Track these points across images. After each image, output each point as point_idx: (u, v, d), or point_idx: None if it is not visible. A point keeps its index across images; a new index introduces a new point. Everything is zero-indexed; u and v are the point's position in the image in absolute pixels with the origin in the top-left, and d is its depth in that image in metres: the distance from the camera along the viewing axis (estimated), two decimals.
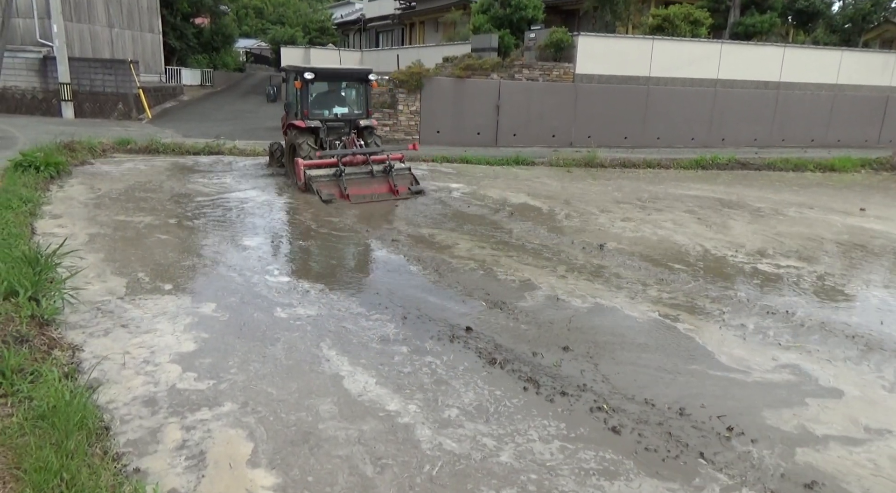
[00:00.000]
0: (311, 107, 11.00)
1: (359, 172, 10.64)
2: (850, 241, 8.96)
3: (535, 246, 7.93)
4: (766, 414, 4.07)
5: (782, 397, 4.32)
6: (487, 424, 3.82)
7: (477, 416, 3.91)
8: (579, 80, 17.47)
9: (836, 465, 3.57)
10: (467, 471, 3.35)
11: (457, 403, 4.05)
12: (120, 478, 3.03)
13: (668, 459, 3.54)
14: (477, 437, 3.66)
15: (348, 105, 11.64)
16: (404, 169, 11.07)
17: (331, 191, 10.22)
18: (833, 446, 3.76)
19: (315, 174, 10.38)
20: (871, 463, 3.59)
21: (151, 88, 22.42)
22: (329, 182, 10.36)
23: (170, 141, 14.97)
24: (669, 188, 12.77)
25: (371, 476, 3.26)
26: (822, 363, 4.90)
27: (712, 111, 18.77)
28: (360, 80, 11.58)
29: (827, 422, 4.03)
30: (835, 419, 4.06)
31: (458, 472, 3.34)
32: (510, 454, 3.53)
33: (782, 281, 7.00)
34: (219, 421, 3.67)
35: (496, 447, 3.58)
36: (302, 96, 10.92)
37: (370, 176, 10.61)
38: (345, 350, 4.73)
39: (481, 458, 3.47)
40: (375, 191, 10.56)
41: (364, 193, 10.41)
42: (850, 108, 20.08)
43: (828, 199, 12.35)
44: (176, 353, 4.53)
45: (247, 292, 5.87)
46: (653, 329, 5.44)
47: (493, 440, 3.64)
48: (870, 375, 4.76)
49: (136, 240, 7.44)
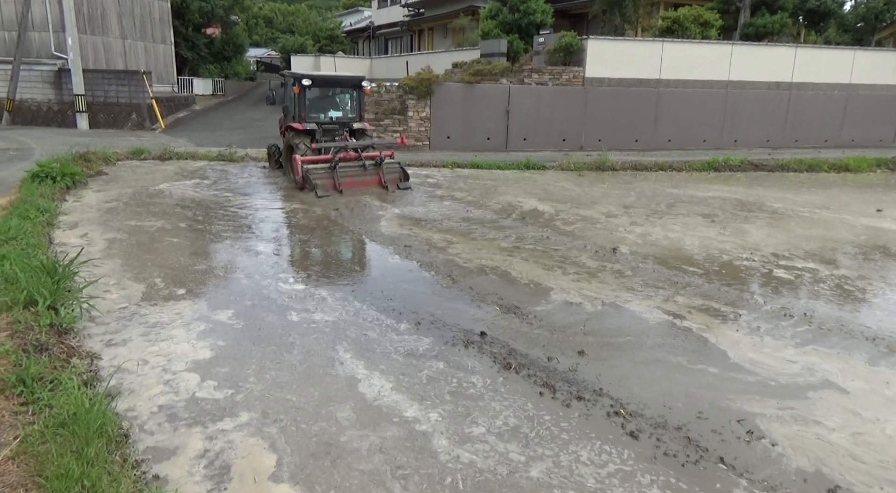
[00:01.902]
0: (308, 111, 11.88)
1: (352, 166, 11.45)
2: (868, 242, 8.85)
3: (548, 250, 7.91)
4: (786, 418, 4.02)
5: (802, 401, 4.26)
6: (503, 431, 3.80)
7: (492, 423, 3.89)
8: (589, 84, 17.44)
9: (858, 471, 3.51)
10: (489, 484, 3.33)
11: (473, 409, 4.04)
12: (140, 485, 3.05)
13: (687, 464, 3.50)
14: (494, 444, 3.65)
15: (342, 109, 12.48)
16: (394, 164, 11.86)
17: (325, 184, 10.95)
18: (856, 452, 3.70)
19: (311, 167, 11.12)
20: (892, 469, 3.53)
21: (164, 99, 22.67)
22: (324, 175, 11.06)
23: (182, 150, 15.13)
24: (682, 191, 12.69)
25: (393, 489, 3.25)
26: (840, 366, 4.83)
27: (724, 113, 18.66)
28: (353, 87, 12.42)
29: (849, 427, 3.96)
30: (856, 424, 4.00)
31: (479, 484, 3.32)
32: (527, 461, 3.50)
33: (800, 283, 6.92)
34: (240, 432, 3.67)
35: (515, 455, 3.56)
36: (300, 101, 11.82)
37: (362, 169, 11.47)
38: (360, 356, 4.73)
39: (500, 468, 3.45)
40: (367, 184, 11.42)
41: (356, 186, 11.27)
42: (864, 107, 19.88)
43: (844, 199, 12.21)
44: (192, 361, 4.56)
45: (260, 298, 5.90)
46: (668, 332, 5.40)
47: (512, 447, 3.62)
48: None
49: (150, 246, 7.51)
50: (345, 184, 11.13)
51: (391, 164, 11.79)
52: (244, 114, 26.38)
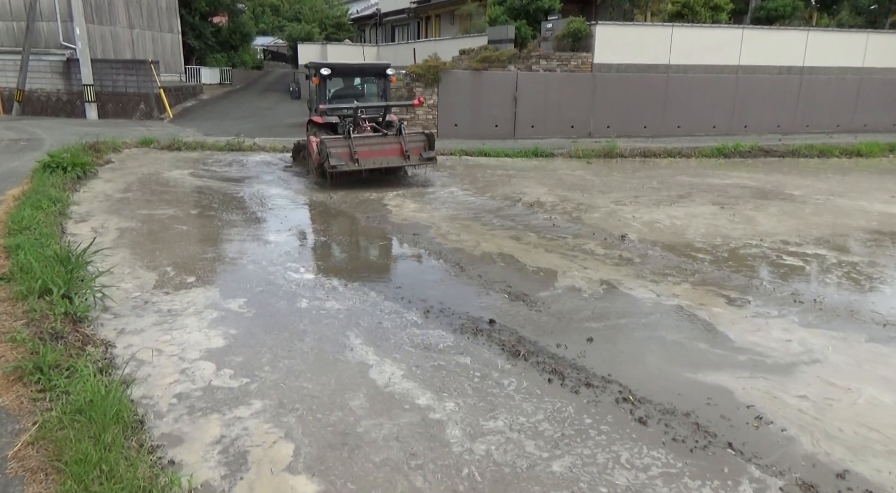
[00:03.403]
0: (330, 103, 11.06)
1: (372, 136, 10.53)
2: (881, 229, 8.78)
3: (556, 238, 7.91)
4: (797, 405, 4.03)
5: (814, 387, 4.26)
6: (512, 417, 3.84)
7: (502, 409, 3.92)
8: (597, 70, 17.30)
9: (867, 458, 3.52)
10: (504, 472, 3.37)
11: (483, 397, 4.07)
12: (156, 470, 3.11)
13: (696, 449, 3.53)
14: (505, 431, 3.68)
15: (367, 101, 11.62)
16: (418, 132, 11.02)
17: (341, 154, 10.07)
18: (866, 440, 3.71)
19: (327, 137, 10.32)
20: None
21: (172, 88, 22.72)
22: (340, 146, 10.15)
23: (191, 139, 15.19)
24: (690, 178, 12.61)
25: (409, 477, 3.30)
26: (853, 352, 4.82)
27: (734, 98, 18.47)
28: (378, 75, 11.58)
29: (858, 417, 3.97)
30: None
31: (495, 473, 3.36)
32: (538, 447, 3.54)
33: (811, 269, 6.89)
34: (256, 419, 3.72)
35: (525, 441, 3.59)
36: (320, 92, 11.05)
37: (382, 137, 10.50)
38: (371, 344, 4.77)
39: (510, 455, 3.49)
40: (387, 154, 10.40)
41: (375, 157, 10.29)
42: (878, 91, 19.60)
43: (865, 186, 12.10)
44: (206, 349, 4.62)
45: (270, 286, 5.95)
46: (677, 319, 5.40)
47: (523, 435, 3.66)
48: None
49: (161, 234, 7.58)
50: (362, 153, 10.16)
51: (416, 133, 10.94)
52: (252, 103, 26.38)
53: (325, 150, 10.01)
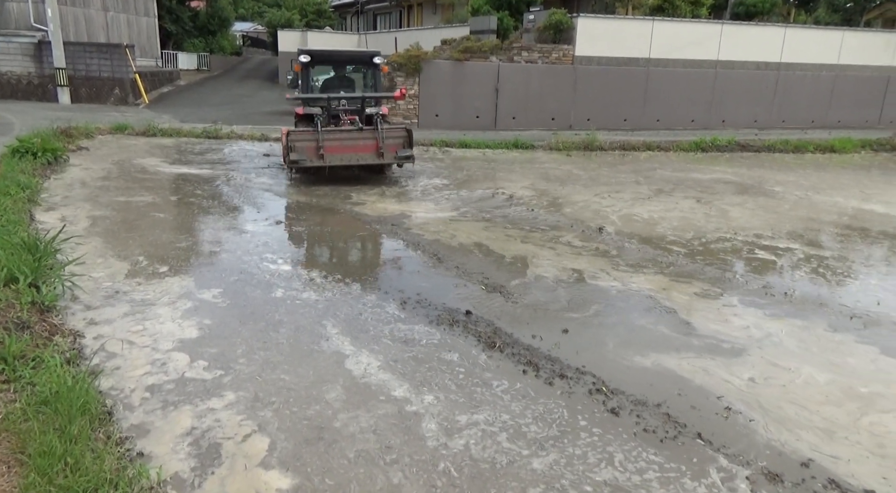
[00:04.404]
0: (315, 93, 10.44)
1: (345, 130, 9.59)
2: (852, 224, 8.96)
3: (534, 229, 7.93)
4: (764, 396, 4.10)
5: (784, 381, 4.34)
6: (488, 409, 3.85)
7: (477, 401, 3.94)
8: (579, 62, 17.33)
9: (832, 446, 3.60)
10: (480, 467, 3.38)
11: (459, 388, 4.08)
12: (124, 462, 3.07)
13: (666, 440, 3.58)
14: (479, 423, 3.69)
15: (356, 92, 10.83)
16: (398, 127, 9.94)
17: (306, 148, 9.22)
18: (829, 430, 3.79)
19: (294, 130, 9.58)
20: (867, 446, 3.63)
21: (148, 73, 22.26)
22: (308, 140, 9.33)
23: (167, 126, 14.91)
24: (673, 172, 12.74)
25: (388, 472, 3.29)
26: (808, 338, 4.92)
27: (712, 93, 18.66)
28: (365, 64, 10.78)
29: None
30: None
31: (472, 468, 3.37)
32: (510, 436, 3.56)
33: (785, 263, 7.01)
34: (229, 410, 3.68)
35: (498, 431, 3.61)
36: (302, 81, 10.36)
37: (357, 132, 9.52)
38: (347, 334, 4.75)
39: (483, 445, 3.51)
40: (359, 150, 9.45)
41: (345, 153, 9.39)
42: (852, 88, 19.95)
43: (834, 181, 12.32)
44: (179, 339, 4.55)
45: (246, 275, 5.88)
46: (650, 310, 5.46)
47: (496, 428, 3.67)
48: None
49: (135, 222, 7.44)
50: (330, 148, 9.30)
51: (394, 127, 10.04)
52: (230, 90, 25.99)
53: (290, 144, 9.27)
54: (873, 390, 4.25)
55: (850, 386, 4.28)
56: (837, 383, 4.32)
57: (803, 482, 3.25)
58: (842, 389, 4.24)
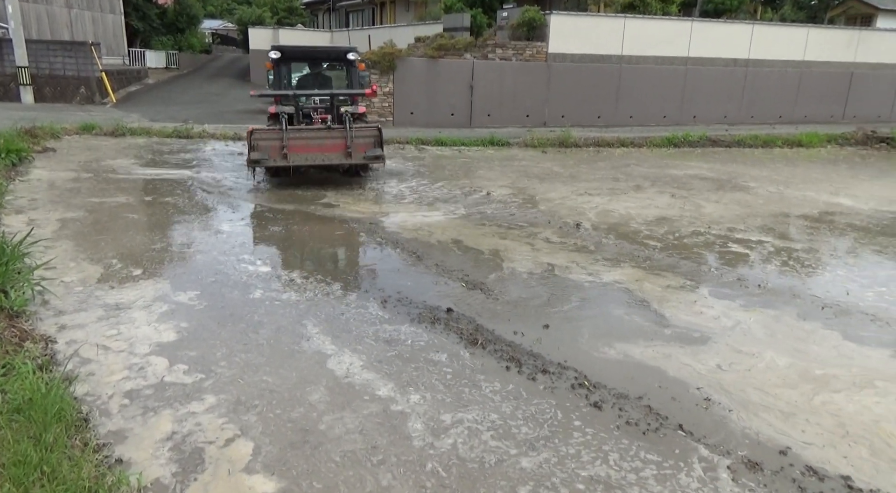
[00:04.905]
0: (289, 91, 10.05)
1: (312, 128, 9.25)
2: (822, 217, 9.18)
3: (513, 226, 7.96)
4: (742, 387, 4.18)
5: (748, 366, 4.44)
6: (473, 407, 3.85)
7: (461, 398, 3.94)
8: (552, 60, 17.44)
9: (804, 432, 3.69)
10: (467, 466, 3.38)
11: (442, 386, 4.07)
12: (102, 469, 2.99)
13: (648, 432, 3.62)
14: (465, 422, 3.70)
15: (332, 90, 10.39)
16: (370, 126, 9.50)
17: (271, 147, 8.83)
18: (787, 411, 3.88)
19: (259, 128, 9.18)
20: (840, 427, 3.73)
21: (114, 71, 21.75)
22: (273, 139, 8.91)
23: (136, 125, 14.60)
24: (650, 169, 12.90)
25: (376, 474, 3.27)
26: (775, 327, 5.04)
27: (683, 89, 18.95)
28: (339, 61, 10.42)
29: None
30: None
31: (458, 464, 3.37)
32: (496, 434, 3.57)
33: (756, 256, 7.16)
34: (210, 414, 3.62)
35: (485, 430, 3.61)
36: (275, 79, 10.07)
37: (326, 131, 9.11)
38: (329, 334, 4.71)
39: (472, 442, 3.51)
40: (326, 150, 9.01)
41: (312, 152, 8.98)
42: (817, 84, 20.45)
43: (806, 176, 12.62)
44: (156, 343, 4.46)
45: (223, 277, 5.79)
46: (630, 305, 5.52)
47: (482, 425, 3.68)
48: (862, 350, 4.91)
49: (107, 225, 7.27)
50: (296, 147, 8.87)
51: (364, 126, 9.54)
52: (200, 88, 25.56)
53: (254, 143, 8.82)
54: (828, 372, 4.41)
55: (807, 369, 4.44)
56: (796, 366, 4.47)
57: (782, 469, 3.32)
58: (798, 372, 4.40)
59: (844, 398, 4.06)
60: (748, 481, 3.22)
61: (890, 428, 3.75)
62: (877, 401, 4.05)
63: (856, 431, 3.70)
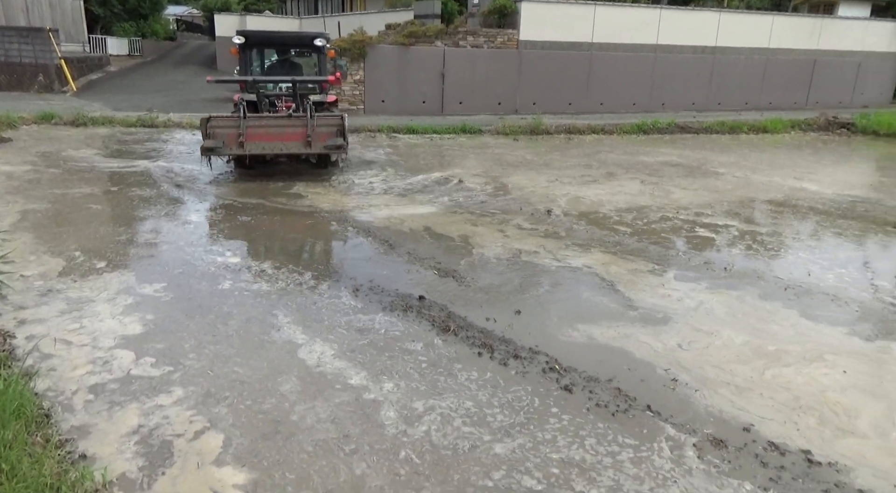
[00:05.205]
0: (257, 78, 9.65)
1: (272, 116, 8.93)
2: (786, 200, 9.40)
3: (485, 213, 7.97)
4: (700, 365, 4.27)
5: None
6: (446, 394, 3.86)
7: (435, 386, 3.94)
8: (523, 47, 17.43)
9: (761, 408, 3.79)
10: (441, 447, 3.39)
11: (414, 373, 4.07)
12: (65, 465, 2.92)
13: (617, 413, 3.68)
14: (438, 408, 3.70)
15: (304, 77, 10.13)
16: (334, 116, 9.12)
17: (228, 135, 8.51)
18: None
19: (216, 115, 8.88)
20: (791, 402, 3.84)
21: (74, 59, 21.07)
22: (230, 126, 8.59)
23: (98, 115, 14.19)
24: (622, 156, 13.02)
25: (350, 464, 3.25)
26: (737, 307, 5.16)
27: (652, 76, 19.13)
28: (307, 47, 10.11)
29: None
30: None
31: (431, 450, 3.37)
32: (470, 420, 3.58)
33: (722, 240, 7.29)
34: (178, 406, 3.56)
35: (457, 416, 3.63)
36: (241, 66, 9.82)
37: (287, 119, 8.77)
38: (300, 323, 4.66)
39: (445, 429, 3.52)
40: (286, 139, 8.69)
41: (271, 141, 8.63)
42: (781, 71, 20.85)
43: (773, 161, 12.87)
44: (121, 336, 4.36)
45: (190, 268, 5.69)
46: (600, 289, 5.59)
47: (456, 412, 3.69)
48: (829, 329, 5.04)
49: (69, 217, 7.07)
50: (254, 136, 8.52)
51: (328, 116, 9.11)
52: (165, 76, 24.92)
53: (209, 131, 8.51)
54: (780, 348, 4.57)
55: (760, 345, 4.59)
56: (751, 343, 4.62)
57: (745, 446, 3.41)
58: (752, 348, 4.55)
59: (794, 372, 4.22)
60: (713, 458, 3.29)
61: (835, 397, 3.93)
62: (825, 373, 4.23)
63: (806, 402, 3.85)
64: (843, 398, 3.92)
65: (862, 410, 3.80)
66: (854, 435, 3.54)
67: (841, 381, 4.13)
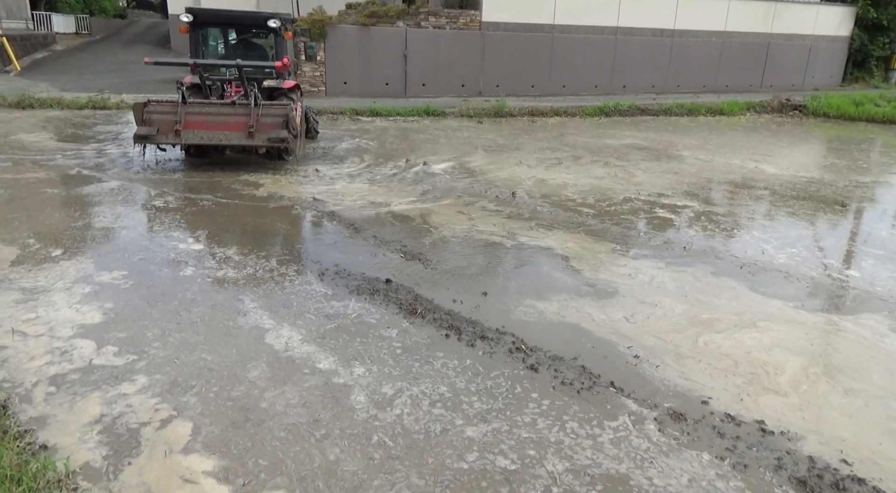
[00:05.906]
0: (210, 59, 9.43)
1: (214, 103, 8.40)
2: (744, 182, 9.69)
3: (450, 195, 7.99)
4: (676, 342, 4.42)
5: (686, 326, 4.69)
6: (414, 376, 3.90)
7: (403, 368, 3.98)
8: (486, 28, 17.37)
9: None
10: (414, 438, 3.43)
11: (383, 357, 4.09)
12: (25, 456, 2.86)
13: (582, 390, 3.78)
14: (406, 391, 3.74)
15: (252, 60, 9.66)
16: (282, 105, 8.49)
17: (165, 122, 8.02)
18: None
19: (155, 100, 8.35)
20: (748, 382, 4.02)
21: (17, 37, 20.07)
22: (167, 112, 8.11)
23: (45, 96, 13.60)
24: (589, 138, 13.16)
25: (319, 446, 3.26)
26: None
27: (613, 59, 19.34)
28: (260, 28, 9.60)
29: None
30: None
31: (403, 434, 3.41)
32: (439, 402, 3.63)
33: (682, 220, 7.50)
34: (142, 395, 3.50)
35: (426, 398, 3.67)
36: (192, 47, 9.37)
37: (230, 107, 8.28)
38: (266, 308, 4.62)
39: (416, 413, 3.56)
40: (228, 128, 8.14)
41: (210, 131, 8.12)
42: (737, 54, 21.34)
43: (728, 143, 13.21)
44: (80, 325, 4.25)
45: (150, 255, 5.56)
46: (564, 270, 5.69)
47: (425, 393, 3.73)
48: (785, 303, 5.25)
49: (21, 203, 6.80)
50: (192, 124, 8.03)
51: (276, 105, 8.46)
52: (116, 55, 23.98)
53: (145, 118, 7.97)
54: (714, 316, 4.83)
55: (696, 315, 4.85)
56: (688, 313, 4.87)
57: (703, 418, 3.56)
58: (688, 317, 4.80)
59: (724, 337, 4.50)
60: (673, 430, 3.43)
61: (762, 357, 4.24)
62: (753, 337, 4.52)
63: (738, 364, 4.15)
64: (768, 358, 4.23)
65: (785, 366, 4.13)
66: (776, 393, 3.79)
67: (765, 342, 4.44)
